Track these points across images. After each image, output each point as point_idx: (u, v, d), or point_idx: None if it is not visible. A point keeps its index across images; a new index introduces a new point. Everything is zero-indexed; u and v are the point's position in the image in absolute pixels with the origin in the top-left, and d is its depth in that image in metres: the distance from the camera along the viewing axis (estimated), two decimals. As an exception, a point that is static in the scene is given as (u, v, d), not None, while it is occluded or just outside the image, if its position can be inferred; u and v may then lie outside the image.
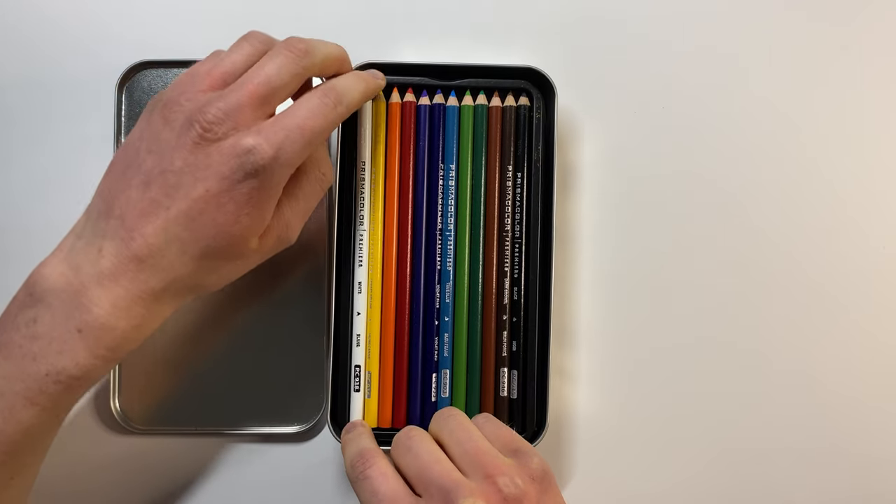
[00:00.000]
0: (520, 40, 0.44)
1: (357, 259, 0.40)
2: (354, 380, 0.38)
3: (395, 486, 0.31)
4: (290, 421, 0.41)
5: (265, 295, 0.41)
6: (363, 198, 0.40)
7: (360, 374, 0.37)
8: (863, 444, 0.43)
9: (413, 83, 0.41)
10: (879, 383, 0.43)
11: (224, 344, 0.41)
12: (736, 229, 0.43)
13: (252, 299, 0.41)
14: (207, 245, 0.31)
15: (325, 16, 0.43)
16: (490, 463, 0.31)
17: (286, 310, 0.41)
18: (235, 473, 0.42)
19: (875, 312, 0.43)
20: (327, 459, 0.42)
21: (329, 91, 0.34)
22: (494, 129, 0.41)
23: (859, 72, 0.44)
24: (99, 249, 0.30)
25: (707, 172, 0.44)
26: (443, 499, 0.30)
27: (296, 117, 0.32)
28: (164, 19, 0.43)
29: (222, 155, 0.30)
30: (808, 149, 0.44)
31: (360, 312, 0.36)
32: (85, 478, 0.41)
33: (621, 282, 0.43)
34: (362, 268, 0.40)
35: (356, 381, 0.37)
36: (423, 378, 0.40)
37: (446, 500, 0.29)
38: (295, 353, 0.41)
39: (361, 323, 0.39)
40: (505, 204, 0.41)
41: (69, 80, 0.42)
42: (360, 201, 0.40)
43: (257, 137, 0.30)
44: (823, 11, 0.44)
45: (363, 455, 0.33)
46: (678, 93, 0.44)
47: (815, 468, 0.43)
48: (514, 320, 0.40)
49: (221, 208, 0.30)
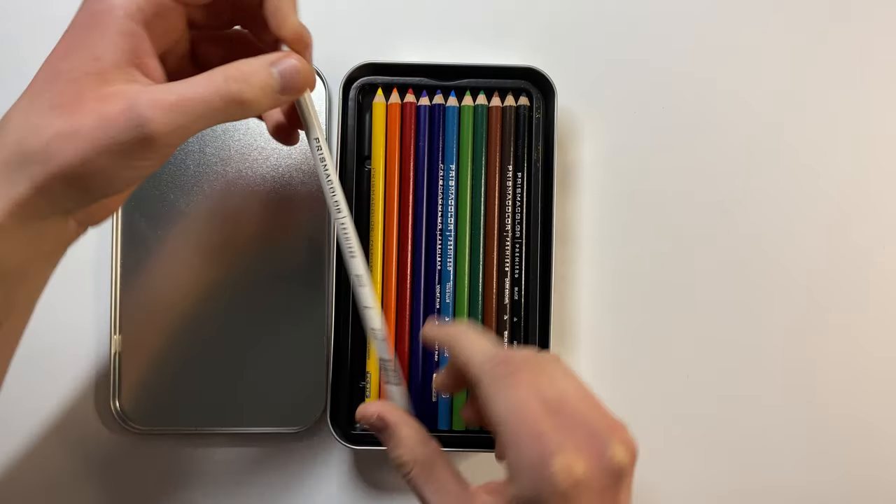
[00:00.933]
0: (520, 40, 0.44)
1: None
2: (389, 373, 0.35)
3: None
4: (290, 421, 0.41)
5: (265, 295, 0.41)
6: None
7: (387, 368, 0.34)
8: (863, 444, 0.43)
9: (413, 83, 0.41)
10: (880, 383, 0.43)
11: (224, 344, 0.41)
12: (736, 229, 0.43)
13: (252, 299, 0.41)
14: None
15: (325, 16, 0.43)
16: (619, 425, 0.28)
17: (286, 310, 0.41)
18: (235, 473, 0.42)
19: (875, 312, 0.43)
20: (327, 459, 0.42)
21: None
22: (494, 129, 0.41)
23: (859, 71, 0.44)
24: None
25: (707, 172, 0.44)
26: (591, 438, 0.26)
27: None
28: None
29: None
30: (808, 148, 0.44)
31: (370, 306, 0.33)
32: (85, 478, 0.41)
33: (621, 281, 0.43)
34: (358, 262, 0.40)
35: (386, 374, 0.34)
36: (423, 378, 0.40)
37: (596, 442, 0.26)
38: (295, 353, 0.41)
39: (375, 317, 0.34)
40: (505, 204, 0.41)
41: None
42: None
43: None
44: (824, 11, 0.44)
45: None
46: (678, 93, 0.44)
47: (816, 468, 0.43)
48: (514, 320, 0.40)
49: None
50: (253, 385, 0.41)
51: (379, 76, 0.41)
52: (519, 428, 0.26)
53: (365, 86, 0.41)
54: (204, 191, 0.41)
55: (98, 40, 0.26)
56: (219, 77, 0.26)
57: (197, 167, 0.41)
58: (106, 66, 0.25)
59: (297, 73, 0.28)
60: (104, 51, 0.25)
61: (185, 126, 0.26)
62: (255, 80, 0.27)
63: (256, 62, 0.27)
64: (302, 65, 0.28)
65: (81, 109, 0.25)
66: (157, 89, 0.26)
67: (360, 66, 0.40)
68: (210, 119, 0.26)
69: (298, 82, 0.28)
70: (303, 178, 0.41)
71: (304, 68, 0.28)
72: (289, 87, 0.28)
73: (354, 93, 0.41)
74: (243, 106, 0.27)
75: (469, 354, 0.30)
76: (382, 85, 0.41)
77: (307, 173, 0.41)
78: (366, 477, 0.42)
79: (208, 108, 0.26)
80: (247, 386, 0.41)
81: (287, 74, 0.28)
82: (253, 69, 0.27)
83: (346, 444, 0.39)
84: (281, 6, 0.28)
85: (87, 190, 0.26)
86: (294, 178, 0.41)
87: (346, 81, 0.40)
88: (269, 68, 0.27)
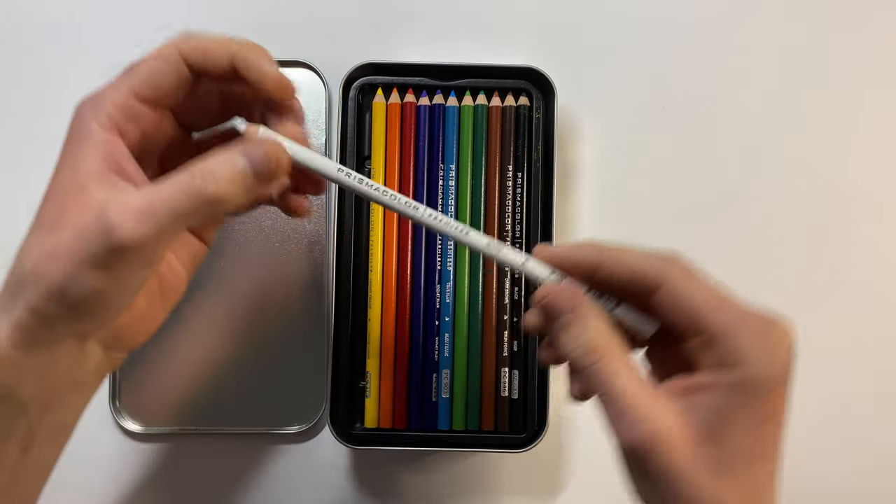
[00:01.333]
0: (520, 40, 0.44)
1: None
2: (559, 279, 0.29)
3: None
4: (290, 421, 0.41)
5: (265, 295, 0.41)
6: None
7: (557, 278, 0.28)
8: (865, 443, 0.43)
9: (413, 83, 0.41)
10: (879, 382, 0.43)
11: (224, 344, 0.41)
12: (736, 228, 0.43)
13: (252, 300, 0.41)
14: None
15: (324, 16, 0.43)
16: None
17: (286, 310, 0.41)
18: (235, 473, 0.42)
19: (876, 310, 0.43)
20: (327, 459, 0.42)
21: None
22: (494, 129, 0.41)
23: (860, 71, 0.44)
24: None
25: (707, 172, 0.44)
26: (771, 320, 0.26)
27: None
28: (164, 19, 0.43)
29: None
30: (809, 147, 0.44)
31: (522, 260, 0.29)
32: (85, 478, 0.41)
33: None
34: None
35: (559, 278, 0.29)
36: (423, 378, 0.40)
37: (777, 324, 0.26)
38: (295, 353, 0.41)
39: (538, 267, 0.29)
40: (505, 204, 0.40)
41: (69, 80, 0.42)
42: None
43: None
44: (823, 12, 0.44)
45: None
46: (678, 93, 0.44)
47: (817, 467, 0.43)
48: (514, 320, 0.40)
49: None
50: (253, 385, 0.41)
51: (379, 76, 0.41)
52: (733, 310, 0.26)
53: (365, 86, 0.41)
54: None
55: (76, 153, 0.26)
56: (185, 175, 0.25)
57: (197, 167, 0.41)
58: (83, 177, 0.25)
59: (266, 158, 0.26)
60: (81, 162, 0.25)
61: (157, 230, 0.24)
62: (221, 173, 0.25)
63: (222, 154, 0.26)
64: (271, 147, 0.26)
65: (63, 225, 0.25)
66: (128, 195, 0.25)
67: (360, 66, 0.40)
68: (182, 220, 0.25)
69: (270, 166, 0.26)
70: (303, 178, 0.41)
71: (274, 150, 0.26)
72: (262, 172, 0.26)
73: (354, 93, 0.41)
74: (213, 203, 0.25)
75: (635, 261, 0.27)
76: (382, 85, 0.41)
77: (307, 173, 0.41)
78: (365, 477, 0.42)
79: (176, 209, 0.24)
80: (247, 386, 0.41)
81: (257, 161, 0.26)
82: (218, 161, 0.25)
83: (346, 444, 0.39)
84: (250, 58, 0.27)
85: (82, 309, 0.25)
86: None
87: (346, 81, 0.40)
88: (234, 158, 0.26)
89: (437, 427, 0.40)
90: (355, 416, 0.40)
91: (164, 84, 0.27)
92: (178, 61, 0.26)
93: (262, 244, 0.41)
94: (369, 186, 0.29)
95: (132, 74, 0.27)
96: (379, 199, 0.29)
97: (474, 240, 0.29)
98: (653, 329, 0.28)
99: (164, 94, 0.27)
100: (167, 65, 0.26)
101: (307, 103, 0.42)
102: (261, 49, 0.28)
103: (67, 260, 0.24)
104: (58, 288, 0.24)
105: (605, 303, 0.28)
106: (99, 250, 0.24)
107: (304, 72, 0.42)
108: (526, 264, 0.29)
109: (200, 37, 0.27)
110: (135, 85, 0.26)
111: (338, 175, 0.29)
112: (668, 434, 0.24)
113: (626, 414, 0.25)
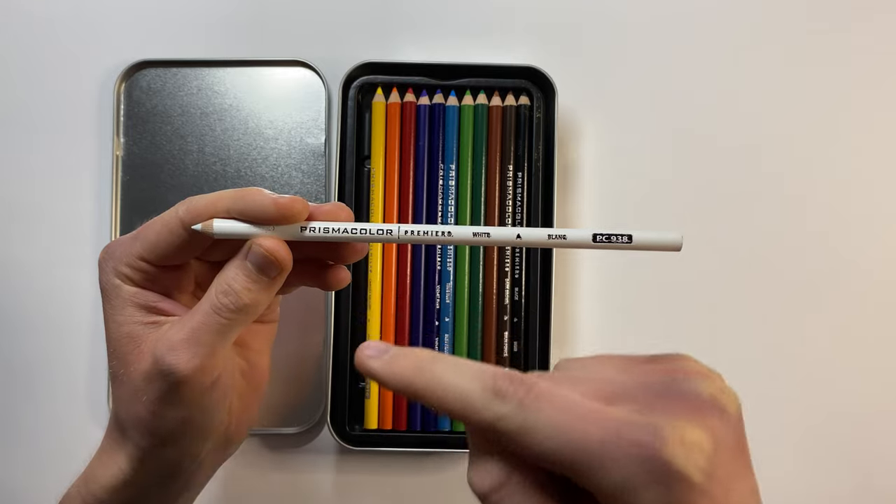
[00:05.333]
0: (520, 40, 0.44)
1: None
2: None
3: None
4: (290, 421, 0.41)
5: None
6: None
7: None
8: (864, 444, 0.43)
9: (413, 83, 0.41)
10: (879, 382, 0.43)
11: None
12: (736, 228, 0.43)
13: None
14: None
15: (324, 16, 0.43)
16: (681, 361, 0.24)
17: (286, 310, 0.41)
18: (235, 473, 0.42)
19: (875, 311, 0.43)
20: (327, 460, 0.42)
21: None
22: (494, 128, 0.41)
23: (860, 71, 0.44)
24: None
25: (706, 172, 0.44)
26: (668, 396, 0.21)
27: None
28: (165, 18, 0.43)
29: None
30: (808, 147, 0.44)
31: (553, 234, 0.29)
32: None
33: (622, 281, 0.43)
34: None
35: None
36: (423, 378, 0.40)
37: (679, 396, 0.21)
38: (295, 354, 0.41)
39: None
40: (505, 204, 0.40)
41: (69, 80, 0.42)
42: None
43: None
44: (823, 12, 0.44)
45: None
46: (678, 93, 0.44)
47: (816, 468, 0.43)
48: (514, 321, 0.40)
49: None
50: (252, 386, 0.41)
51: (379, 75, 0.41)
52: (588, 440, 0.19)
53: (365, 85, 0.41)
54: (203, 192, 0.41)
55: (112, 310, 0.28)
56: (211, 294, 0.27)
57: (196, 168, 0.41)
58: (128, 328, 0.28)
59: (263, 257, 0.27)
60: (119, 315, 0.28)
61: (207, 354, 0.27)
62: (237, 284, 0.27)
63: (231, 265, 0.28)
64: (269, 243, 0.27)
65: (130, 374, 0.28)
66: (172, 331, 0.27)
67: (360, 66, 0.40)
68: (226, 335, 0.27)
69: (272, 261, 0.27)
70: (302, 177, 0.41)
71: (272, 245, 0.27)
72: (265, 268, 0.27)
73: (354, 92, 0.40)
74: (247, 312, 0.28)
75: (451, 393, 0.21)
76: (382, 84, 0.41)
77: (307, 173, 0.41)
78: (365, 478, 0.42)
79: (216, 330, 0.27)
80: (246, 386, 0.41)
81: (259, 261, 0.27)
82: (231, 274, 0.27)
83: (346, 444, 0.39)
84: (246, 204, 0.27)
85: (179, 435, 0.28)
86: (293, 177, 0.41)
87: (346, 81, 0.40)
88: (242, 265, 0.27)
89: (438, 428, 0.40)
90: (355, 417, 0.40)
91: (165, 249, 0.28)
92: (177, 227, 0.28)
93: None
94: (336, 231, 0.28)
95: (138, 239, 0.28)
96: (350, 239, 0.28)
97: (459, 235, 0.29)
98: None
99: (167, 257, 0.28)
100: (169, 235, 0.28)
101: (307, 103, 0.42)
102: (251, 191, 0.28)
103: (148, 405, 0.27)
104: (149, 429, 0.28)
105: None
106: (166, 389, 0.27)
107: (303, 71, 0.42)
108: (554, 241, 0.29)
109: (197, 201, 0.28)
110: (137, 250, 0.28)
111: (302, 234, 0.28)
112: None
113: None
